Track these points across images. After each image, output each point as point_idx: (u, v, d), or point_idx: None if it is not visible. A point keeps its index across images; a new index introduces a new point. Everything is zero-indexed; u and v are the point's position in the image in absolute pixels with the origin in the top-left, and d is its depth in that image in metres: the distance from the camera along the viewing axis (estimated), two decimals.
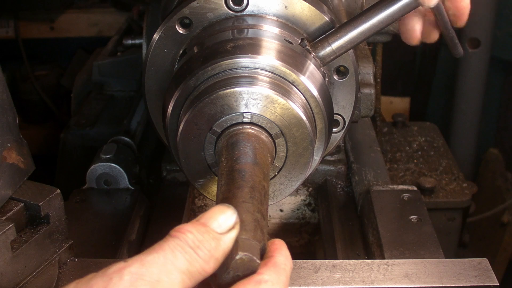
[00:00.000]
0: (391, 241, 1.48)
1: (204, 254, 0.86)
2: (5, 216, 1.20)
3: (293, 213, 1.83)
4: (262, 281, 0.89)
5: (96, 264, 1.32)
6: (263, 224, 0.98)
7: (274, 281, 0.90)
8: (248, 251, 0.91)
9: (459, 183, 2.43)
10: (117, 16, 3.50)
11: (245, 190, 1.01)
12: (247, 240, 0.92)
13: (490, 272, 1.28)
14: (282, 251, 0.95)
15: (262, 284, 0.88)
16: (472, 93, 3.36)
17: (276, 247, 0.96)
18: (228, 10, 1.32)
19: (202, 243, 0.87)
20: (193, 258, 0.85)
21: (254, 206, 0.98)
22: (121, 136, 1.89)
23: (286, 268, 0.93)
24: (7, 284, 1.17)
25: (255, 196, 1.01)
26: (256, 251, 0.92)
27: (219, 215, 0.91)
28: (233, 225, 0.91)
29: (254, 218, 0.96)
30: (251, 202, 0.99)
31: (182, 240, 0.86)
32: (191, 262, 0.85)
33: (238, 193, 1.00)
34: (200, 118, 1.20)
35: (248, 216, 0.95)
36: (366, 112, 1.75)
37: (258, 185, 1.04)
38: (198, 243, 0.86)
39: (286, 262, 0.94)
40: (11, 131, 1.24)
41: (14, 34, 3.51)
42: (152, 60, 1.37)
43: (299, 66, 1.25)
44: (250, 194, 1.00)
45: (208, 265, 0.87)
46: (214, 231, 0.89)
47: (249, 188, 1.02)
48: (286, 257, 0.95)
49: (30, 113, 3.57)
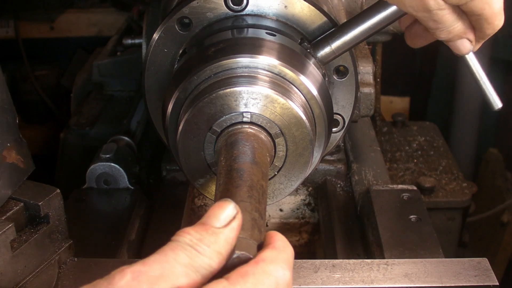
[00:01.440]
0: (391, 240, 1.48)
1: (203, 250, 0.86)
2: (4, 215, 1.20)
3: (293, 213, 1.83)
4: (260, 260, 0.88)
5: (96, 264, 1.32)
6: (261, 223, 0.98)
7: (272, 259, 0.89)
8: (245, 249, 0.90)
9: (459, 183, 2.43)
10: (117, 16, 3.50)
11: (243, 189, 1.01)
12: (244, 239, 0.92)
13: (490, 272, 1.28)
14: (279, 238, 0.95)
15: (260, 263, 0.88)
16: (472, 93, 3.36)
17: (272, 235, 0.95)
18: (228, 10, 1.32)
19: (201, 240, 0.87)
20: (193, 254, 0.86)
21: (252, 205, 0.98)
22: (121, 136, 1.89)
23: (286, 250, 0.93)
24: (7, 284, 1.17)
25: (253, 195, 1.00)
26: (253, 250, 0.92)
27: (217, 210, 0.92)
28: (234, 215, 0.91)
29: (252, 217, 0.96)
30: (248, 201, 0.99)
31: (181, 241, 0.87)
32: (192, 258, 0.85)
33: (236, 192, 1.00)
34: (200, 117, 1.20)
35: (245, 215, 0.95)
36: (366, 111, 1.75)
37: (256, 184, 1.03)
38: (196, 241, 0.87)
39: (285, 245, 0.93)
40: (11, 131, 1.24)
41: (14, 34, 3.51)
42: (152, 60, 1.37)
43: (298, 66, 1.25)
44: (248, 193, 1.00)
45: (212, 260, 0.87)
46: (213, 227, 0.89)
47: (247, 187, 1.02)
48: (285, 242, 0.94)
49: (30, 113, 3.57)
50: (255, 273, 0.86)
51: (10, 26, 3.52)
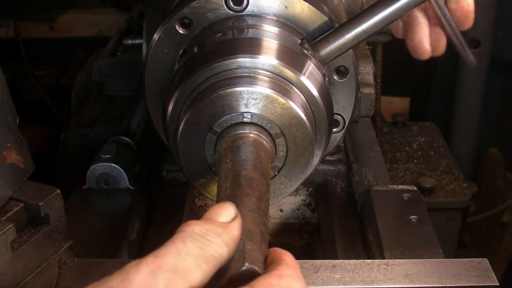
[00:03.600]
0: (391, 241, 1.48)
1: (214, 238, 0.87)
2: (5, 216, 1.20)
3: (293, 213, 1.83)
4: (283, 275, 0.89)
5: (96, 264, 1.32)
6: (267, 238, 0.98)
7: (294, 275, 0.91)
8: (254, 264, 0.90)
9: (459, 183, 2.43)
10: (117, 16, 3.50)
11: (252, 199, 1.00)
12: (253, 252, 0.92)
13: (490, 272, 1.28)
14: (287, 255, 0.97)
15: (283, 278, 0.89)
16: (472, 93, 3.36)
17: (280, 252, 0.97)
18: (228, 10, 1.32)
19: (210, 230, 0.88)
20: (203, 243, 0.86)
21: (260, 217, 0.98)
22: (121, 136, 1.89)
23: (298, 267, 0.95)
24: (7, 284, 1.17)
25: (261, 207, 1.00)
26: (261, 264, 0.92)
27: (220, 209, 0.93)
28: (235, 215, 0.93)
29: (260, 230, 0.96)
30: (257, 213, 0.98)
31: (190, 231, 0.87)
32: (202, 248, 0.86)
33: (245, 200, 0.99)
34: (200, 118, 1.20)
35: (255, 228, 0.95)
36: (366, 112, 1.75)
37: (263, 196, 1.03)
38: (205, 230, 0.88)
39: (296, 263, 0.96)
40: (11, 131, 1.24)
41: (14, 34, 3.51)
42: (152, 60, 1.37)
43: (299, 66, 1.25)
44: (257, 204, 1.00)
45: (221, 248, 0.88)
46: (218, 221, 0.91)
47: (256, 197, 1.01)
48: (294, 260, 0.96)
49: (30, 113, 3.57)
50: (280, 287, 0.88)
51: (10, 26, 3.52)
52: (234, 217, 0.93)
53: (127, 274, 0.81)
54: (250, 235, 0.94)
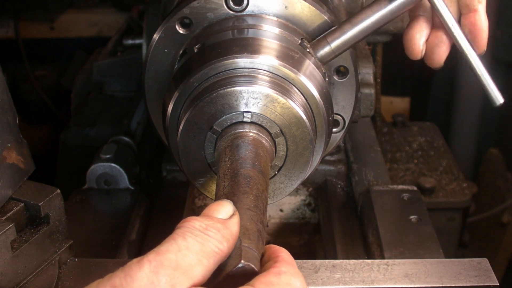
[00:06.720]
0: (391, 241, 1.48)
1: (214, 234, 0.88)
2: (5, 216, 1.20)
3: (293, 213, 1.83)
4: (282, 272, 0.90)
5: (96, 264, 1.32)
6: (264, 236, 0.98)
7: (292, 272, 0.91)
8: (251, 261, 0.91)
9: (459, 183, 2.43)
10: (117, 16, 3.50)
11: (250, 197, 1.01)
12: (250, 250, 0.92)
13: (490, 272, 1.28)
14: (283, 251, 0.97)
15: (282, 275, 0.90)
16: (472, 93, 3.36)
17: (276, 249, 0.97)
18: (228, 10, 1.32)
19: (210, 226, 0.89)
20: (204, 238, 0.87)
21: (257, 215, 0.99)
22: (121, 136, 1.89)
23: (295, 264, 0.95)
24: (7, 284, 1.17)
25: (259, 205, 1.01)
26: (257, 262, 0.92)
27: (218, 207, 0.94)
28: (233, 212, 0.94)
29: (258, 228, 0.97)
30: (255, 211, 0.99)
31: (190, 226, 0.88)
32: (203, 243, 0.87)
33: (243, 198, 1.00)
34: (200, 117, 1.20)
35: (252, 225, 0.96)
36: (366, 112, 1.75)
37: (261, 194, 1.04)
38: (205, 225, 0.89)
39: (292, 259, 0.96)
40: (11, 131, 1.24)
41: (14, 34, 3.51)
42: (152, 60, 1.37)
43: (298, 66, 1.25)
44: (254, 202, 1.00)
45: (222, 244, 0.88)
46: (217, 218, 0.92)
47: (254, 195, 1.02)
48: (291, 257, 0.97)
49: (30, 113, 3.57)
50: (280, 284, 0.88)
51: (10, 26, 3.52)
52: (232, 214, 0.94)
53: (129, 271, 0.81)
54: (247, 232, 0.94)
